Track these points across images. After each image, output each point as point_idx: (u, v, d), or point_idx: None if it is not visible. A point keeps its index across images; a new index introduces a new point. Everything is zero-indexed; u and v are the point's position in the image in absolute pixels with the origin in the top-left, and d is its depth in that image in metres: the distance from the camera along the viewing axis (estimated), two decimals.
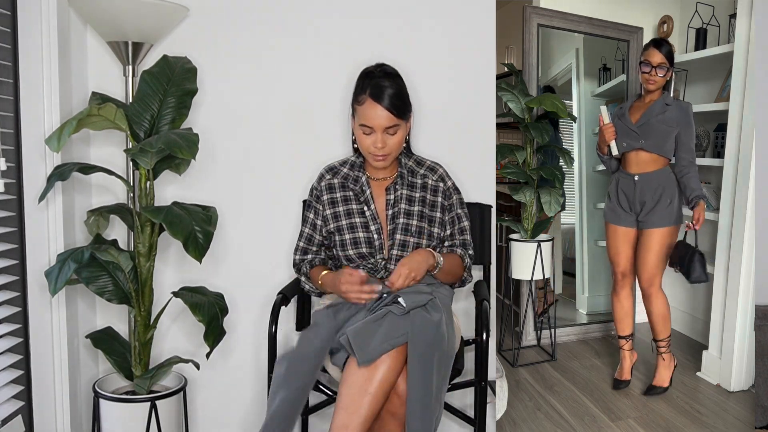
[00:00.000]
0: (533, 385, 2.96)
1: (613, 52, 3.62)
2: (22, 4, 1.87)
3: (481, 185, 2.23)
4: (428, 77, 2.19)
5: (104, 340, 2.04)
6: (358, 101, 1.87)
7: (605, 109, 2.76)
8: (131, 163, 2.00)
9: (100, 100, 1.98)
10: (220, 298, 2.01)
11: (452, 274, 1.95)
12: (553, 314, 3.31)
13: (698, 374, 3.00)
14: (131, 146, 1.90)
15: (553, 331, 3.28)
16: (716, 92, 3.32)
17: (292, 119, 2.22)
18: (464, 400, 2.30)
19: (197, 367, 2.05)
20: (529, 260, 3.09)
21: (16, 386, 1.90)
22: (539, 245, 3.07)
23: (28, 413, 1.95)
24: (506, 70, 3.44)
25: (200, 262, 1.80)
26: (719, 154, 3.18)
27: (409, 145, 2.03)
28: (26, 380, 1.95)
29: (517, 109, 3.06)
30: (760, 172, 2.40)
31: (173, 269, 2.23)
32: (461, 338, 2.00)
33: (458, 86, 2.23)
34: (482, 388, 1.85)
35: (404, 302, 1.66)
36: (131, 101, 1.99)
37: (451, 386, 1.84)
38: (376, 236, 1.93)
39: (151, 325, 1.99)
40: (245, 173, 2.22)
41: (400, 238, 1.92)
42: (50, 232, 1.96)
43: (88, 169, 1.89)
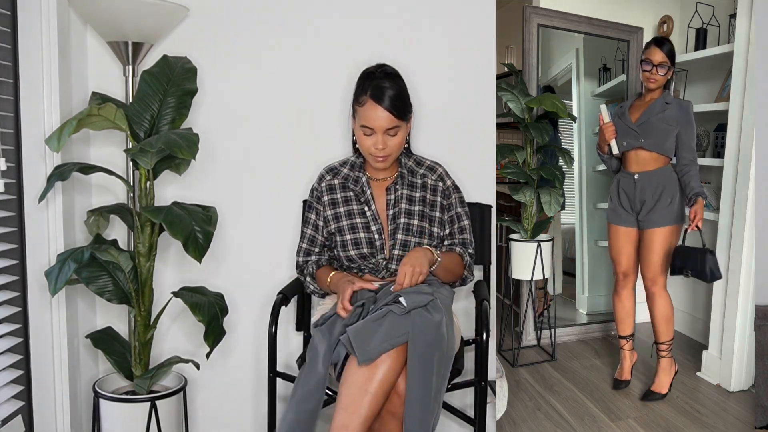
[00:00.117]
0: (533, 385, 2.96)
1: (613, 52, 3.62)
2: (22, 4, 1.87)
3: (481, 185, 2.23)
4: (428, 77, 2.19)
5: (104, 340, 2.04)
6: (358, 102, 1.87)
7: (605, 108, 2.76)
8: (131, 163, 2.00)
9: (100, 100, 1.98)
10: (220, 298, 2.01)
11: (452, 272, 1.94)
12: (552, 314, 3.31)
13: (698, 374, 3.00)
14: (131, 146, 1.90)
15: (553, 331, 3.28)
16: (716, 92, 3.32)
17: (292, 119, 2.22)
18: (464, 400, 2.30)
19: (197, 367, 2.05)
20: (529, 260, 3.09)
21: (16, 386, 1.90)
22: (539, 245, 3.07)
23: (28, 413, 1.95)
24: (506, 70, 3.44)
25: (200, 262, 1.80)
26: (719, 154, 3.18)
27: (409, 145, 2.03)
28: (26, 380, 1.95)
29: (517, 109, 3.06)
30: (760, 172, 2.40)
31: (173, 269, 2.23)
32: (461, 338, 2.00)
33: (458, 86, 2.23)
34: (482, 388, 1.85)
35: (405, 302, 1.66)
36: (131, 101, 1.99)
37: (451, 386, 1.84)
38: (377, 236, 1.93)
39: (151, 325, 1.98)
40: (245, 173, 2.22)
41: (401, 237, 1.92)
42: (50, 232, 1.96)
43: (88, 169, 1.89)
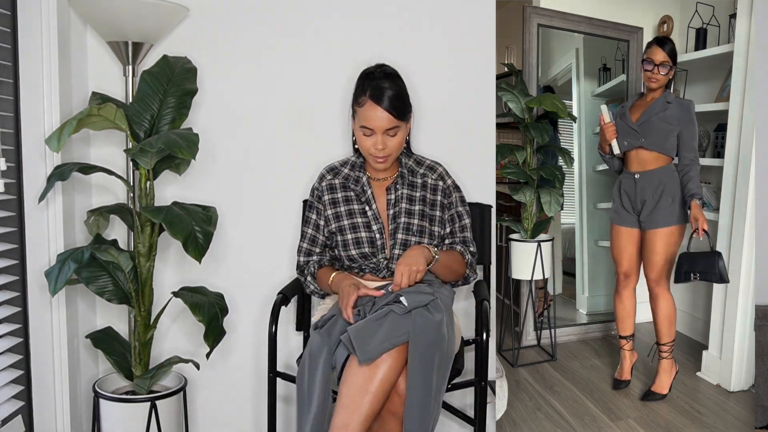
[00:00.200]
0: (533, 385, 2.95)
1: (613, 52, 3.62)
2: (22, 4, 1.87)
3: (481, 185, 2.23)
4: (428, 77, 2.19)
5: (104, 340, 2.04)
6: (358, 103, 1.87)
7: (606, 108, 2.76)
8: (131, 163, 2.00)
9: (100, 100, 1.98)
10: (220, 298, 2.01)
11: (452, 270, 1.94)
12: (552, 314, 3.31)
13: (698, 374, 2.99)
14: (131, 146, 1.90)
15: (553, 331, 3.28)
16: (716, 92, 3.31)
17: (292, 119, 2.21)
18: (464, 400, 2.30)
19: (197, 367, 2.05)
20: (529, 260, 3.09)
21: (16, 386, 1.90)
22: (539, 245, 3.07)
23: (28, 413, 1.95)
24: (506, 70, 3.43)
25: (200, 262, 1.80)
26: (719, 154, 3.18)
27: (409, 144, 2.03)
28: (26, 380, 1.95)
29: (517, 109, 3.06)
30: (760, 172, 2.40)
31: (173, 269, 2.23)
32: (461, 338, 2.00)
33: (458, 86, 2.23)
34: (482, 388, 1.85)
35: (406, 302, 1.66)
36: (131, 101, 1.99)
37: (451, 386, 1.84)
38: (378, 236, 1.93)
39: (151, 325, 1.98)
40: (245, 173, 2.22)
41: (401, 237, 1.92)
42: (50, 232, 1.96)
43: (88, 169, 1.89)
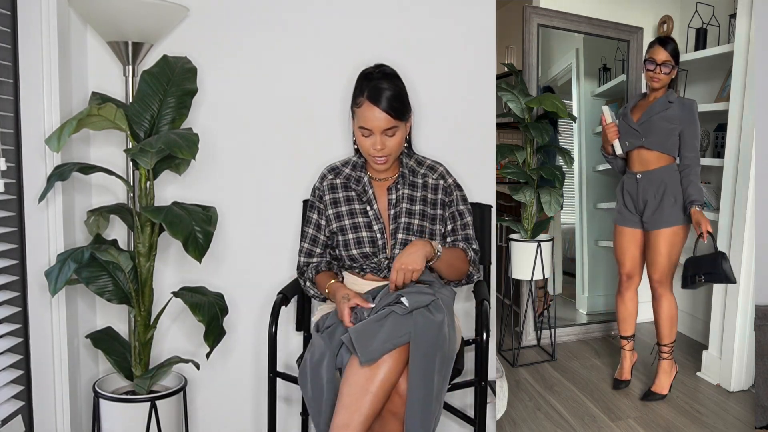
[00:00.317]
0: (533, 385, 2.95)
1: (613, 52, 3.62)
2: (22, 4, 1.87)
3: (481, 185, 2.23)
4: (428, 77, 2.19)
5: (104, 340, 2.04)
6: (356, 103, 1.87)
7: (607, 108, 2.75)
8: (131, 163, 2.00)
9: (100, 100, 1.98)
10: (220, 298, 2.01)
11: (455, 267, 1.92)
12: (552, 314, 3.31)
13: (698, 374, 3.00)
14: (131, 146, 1.90)
15: (553, 331, 3.28)
16: (716, 92, 3.32)
17: (292, 119, 2.21)
18: (464, 400, 2.30)
19: (197, 367, 2.05)
20: (529, 260, 3.09)
21: (16, 386, 1.90)
22: (539, 245, 3.07)
23: (28, 413, 1.95)
24: (506, 70, 3.44)
25: (200, 262, 1.80)
26: (719, 154, 3.18)
27: (410, 144, 2.02)
28: (26, 380, 1.95)
29: (517, 109, 3.06)
30: (760, 172, 2.40)
31: (173, 269, 2.23)
32: (461, 338, 2.00)
33: (458, 86, 2.23)
34: (482, 388, 1.85)
35: (407, 302, 1.66)
36: (131, 101, 1.99)
37: (451, 386, 1.84)
38: (379, 236, 1.93)
39: (151, 325, 1.98)
40: (245, 173, 2.22)
41: (402, 237, 1.92)
42: (50, 232, 1.96)
43: (88, 169, 1.89)
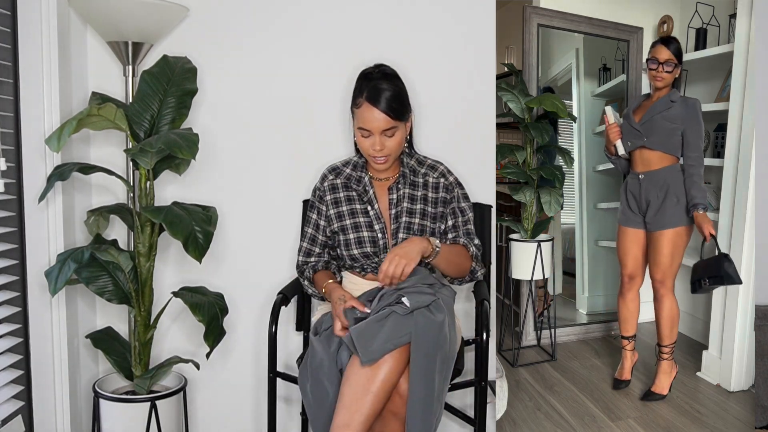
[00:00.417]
0: (533, 385, 2.95)
1: (613, 52, 3.62)
2: (22, 4, 1.87)
3: (481, 185, 2.23)
4: (428, 77, 2.19)
5: (104, 340, 2.04)
6: (356, 104, 1.87)
7: (610, 109, 2.75)
8: (131, 163, 2.00)
9: (100, 100, 1.98)
10: (220, 298, 2.01)
11: (455, 264, 1.90)
12: (552, 314, 3.31)
13: (698, 374, 3.00)
14: (131, 146, 1.90)
15: (553, 331, 3.28)
16: (716, 92, 3.32)
17: (292, 119, 2.22)
18: (464, 400, 2.30)
19: (197, 367, 2.05)
20: (529, 260, 3.09)
21: (16, 386, 1.90)
22: (539, 245, 3.07)
23: (28, 413, 1.95)
24: (506, 70, 3.44)
25: (200, 262, 1.80)
26: (719, 154, 3.18)
27: (411, 144, 2.02)
28: (26, 380, 1.95)
29: (517, 109, 3.06)
30: (760, 172, 2.40)
31: (173, 269, 2.23)
32: (461, 338, 2.00)
33: (458, 86, 2.23)
34: (482, 388, 1.85)
35: (408, 302, 1.66)
36: (131, 101, 1.99)
37: (451, 386, 1.83)
38: (380, 235, 1.93)
39: (151, 325, 1.98)
40: (245, 173, 2.22)
41: (402, 236, 1.92)
42: (50, 232, 1.96)
43: (88, 169, 1.89)
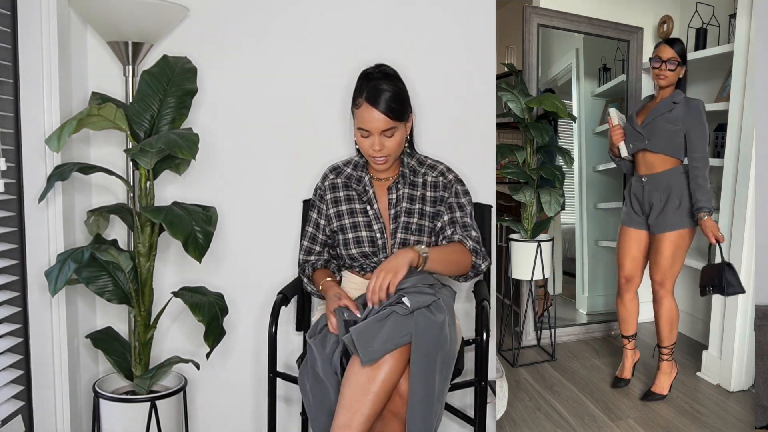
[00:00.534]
0: (533, 385, 2.96)
1: (613, 52, 3.62)
2: (22, 4, 1.87)
3: (481, 185, 2.22)
4: (428, 77, 2.19)
5: (104, 340, 2.04)
6: (355, 104, 1.87)
7: (615, 110, 2.74)
8: (131, 163, 2.00)
9: (100, 100, 1.98)
10: (220, 298, 2.01)
11: (453, 263, 1.87)
12: (552, 314, 3.31)
13: (698, 374, 3.00)
14: (131, 146, 1.90)
15: (553, 331, 3.28)
16: (716, 92, 3.31)
17: (292, 119, 2.21)
18: (464, 400, 2.30)
19: (197, 367, 2.05)
20: (529, 260, 3.09)
21: (16, 386, 1.90)
22: (539, 245, 3.07)
23: (28, 413, 1.95)
24: (506, 70, 3.44)
25: (200, 262, 1.80)
26: (719, 154, 3.18)
27: (412, 144, 2.02)
28: (26, 380, 1.95)
29: (517, 109, 3.06)
30: (760, 172, 2.40)
31: (173, 269, 2.23)
32: (462, 338, 1.99)
33: (458, 86, 2.23)
34: (482, 388, 1.85)
35: (408, 302, 1.66)
36: (131, 101, 1.99)
37: (451, 386, 1.83)
38: (379, 235, 1.93)
39: (151, 325, 1.98)
40: (245, 173, 2.22)
41: (400, 236, 1.92)
42: (50, 232, 1.96)
43: (88, 169, 1.89)
